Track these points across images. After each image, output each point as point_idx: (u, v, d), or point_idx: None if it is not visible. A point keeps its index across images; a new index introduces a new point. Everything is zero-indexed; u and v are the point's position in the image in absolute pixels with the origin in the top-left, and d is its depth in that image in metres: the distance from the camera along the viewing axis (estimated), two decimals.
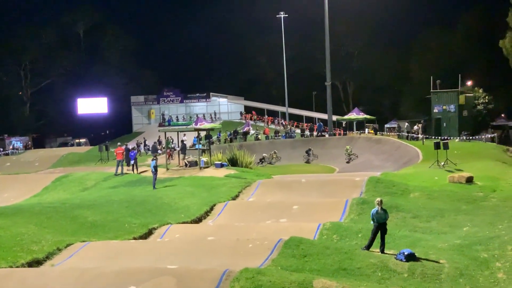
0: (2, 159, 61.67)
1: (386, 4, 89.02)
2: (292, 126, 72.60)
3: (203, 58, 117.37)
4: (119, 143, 46.53)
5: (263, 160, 51.36)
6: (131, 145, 57.31)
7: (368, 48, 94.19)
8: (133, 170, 39.25)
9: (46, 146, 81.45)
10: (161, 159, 42.53)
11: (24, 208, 25.10)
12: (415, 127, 53.08)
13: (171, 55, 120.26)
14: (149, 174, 34.31)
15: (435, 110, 55.38)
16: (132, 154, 40.90)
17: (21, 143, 75.98)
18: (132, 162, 39.85)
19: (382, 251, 17.43)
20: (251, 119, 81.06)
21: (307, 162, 52.96)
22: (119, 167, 38.46)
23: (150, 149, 52.81)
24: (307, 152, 53.55)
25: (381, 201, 17.81)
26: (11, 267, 17.06)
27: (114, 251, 19.21)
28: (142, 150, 57.24)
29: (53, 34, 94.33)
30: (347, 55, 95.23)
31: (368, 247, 17.77)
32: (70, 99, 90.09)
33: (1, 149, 69.85)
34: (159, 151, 50.67)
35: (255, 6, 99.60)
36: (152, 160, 33.59)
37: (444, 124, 54.23)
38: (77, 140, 77.73)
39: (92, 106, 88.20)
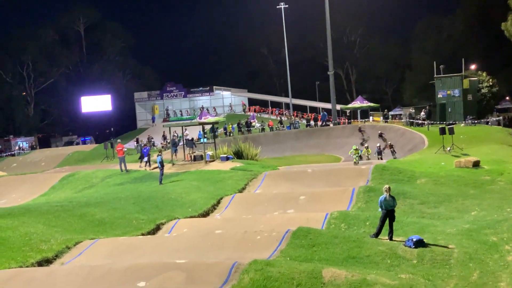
0: (8, 160, 61.91)
1: None
2: (296, 116, 72.46)
3: (204, 52, 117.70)
4: (119, 140, 46.49)
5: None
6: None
7: (368, 36, 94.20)
8: (145, 166, 39.08)
9: (52, 146, 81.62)
10: (166, 155, 42.55)
11: (32, 208, 25.12)
12: (422, 113, 52.86)
13: (171, 50, 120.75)
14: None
15: (439, 95, 55.14)
16: (145, 150, 40.81)
17: (26, 143, 76.28)
18: (145, 159, 39.74)
19: (391, 238, 17.39)
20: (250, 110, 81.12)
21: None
22: (122, 164, 38.37)
23: (170, 143, 51.94)
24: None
25: (389, 188, 17.76)
26: (21, 267, 17.07)
27: (122, 248, 19.21)
28: (159, 145, 56.72)
29: (53, 33, 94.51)
30: (348, 43, 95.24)
31: (376, 234, 17.74)
32: (73, 97, 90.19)
33: (8, 150, 70.19)
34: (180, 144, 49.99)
35: None
36: (158, 155, 33.53)
37: (449, 109, 54.03)
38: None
39: (96, 104, 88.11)
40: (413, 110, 56.32)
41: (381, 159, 39.70)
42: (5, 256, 17.74)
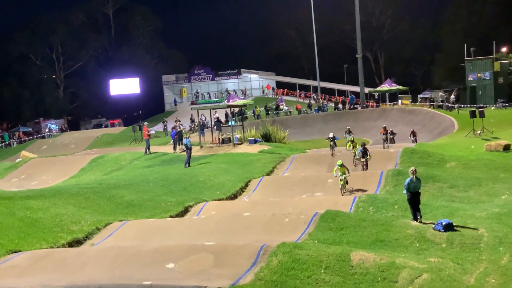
0: (38, 142, 62.67)
1: None
2: (324, 100, 72.10)
3: (232, 35, 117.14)
4: (145, 123, 46.82)
5: None
6: (170, 124, 57.24)
7: (398, 19, 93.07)
8: (174, 149, 39.06)
9: (81, 128, 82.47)
10: (194, 137, 42.68)
11: (62, 190, 25.42)
12: (452, 97, 52.23)
13: (199, 33, 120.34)
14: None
15: (470, 78, 54.50)
16: (173, 133, 40.83)
17: (56, 125, 77.08)
18: (171, 142, 39.80)
19: (420, 221, 17.22)
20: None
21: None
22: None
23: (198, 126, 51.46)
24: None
25: (415, 170, 17.61)
26: (52, 247, 17.31)
27: (151, 230, 19.38)
28: (187, 128, 56.03)
29: (82, 16, 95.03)
30: (377, 26, 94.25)
31: (415, 217, 17.46)
32: (102, 80, 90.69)
33: (38, 132, 71.10)
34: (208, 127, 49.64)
35: None
36: (186, 138, 33.62)
37: (480, 92, 53.38)
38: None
39: (124, 87, 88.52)
40: (444, 94, 55.74)
41: (366, 165, 28.38)
42: (36, 236, 18.00)
